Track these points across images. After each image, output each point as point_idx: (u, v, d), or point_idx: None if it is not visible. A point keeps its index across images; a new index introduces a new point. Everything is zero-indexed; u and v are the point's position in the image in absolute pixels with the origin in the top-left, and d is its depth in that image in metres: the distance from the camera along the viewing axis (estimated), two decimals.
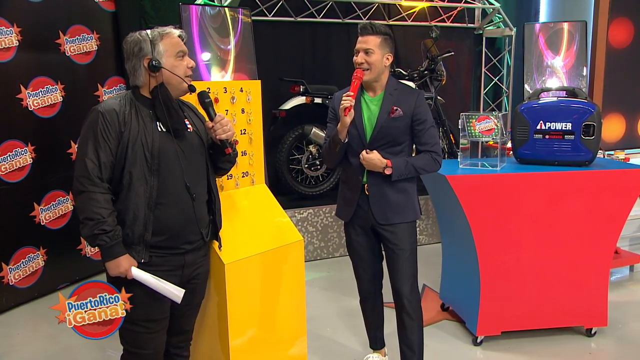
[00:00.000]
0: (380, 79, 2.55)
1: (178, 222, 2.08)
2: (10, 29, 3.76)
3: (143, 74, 2.07)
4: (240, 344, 2.50)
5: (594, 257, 3.20)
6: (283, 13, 5.06)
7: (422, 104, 2.56)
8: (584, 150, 3.13)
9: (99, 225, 1.92)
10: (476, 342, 3.27)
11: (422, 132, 2.56)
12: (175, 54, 2.08)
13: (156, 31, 2.08)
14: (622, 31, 4.70)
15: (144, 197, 2.00)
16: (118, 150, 1.99)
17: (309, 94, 4.82)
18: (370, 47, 2.48)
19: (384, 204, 2.58)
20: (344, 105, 2.41)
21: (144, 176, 2.01)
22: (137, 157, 2.00)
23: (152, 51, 2.04)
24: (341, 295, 3.99)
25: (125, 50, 2.08)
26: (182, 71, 2.09)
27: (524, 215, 3.09)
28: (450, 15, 5.78)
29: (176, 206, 2.07)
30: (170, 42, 2.07)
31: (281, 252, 2.68)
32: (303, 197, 4.93)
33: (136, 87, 2.11)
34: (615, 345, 3.30)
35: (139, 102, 2.08)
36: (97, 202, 1.94)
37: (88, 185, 1.94)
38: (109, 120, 1.99)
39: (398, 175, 2.51)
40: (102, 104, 2.05)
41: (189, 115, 2.22)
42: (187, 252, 2.13)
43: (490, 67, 6.18)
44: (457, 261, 3.48)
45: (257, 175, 2.81)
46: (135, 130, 2.01)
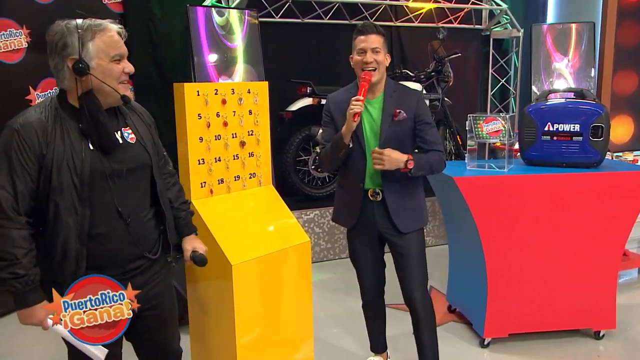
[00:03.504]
0: (381, 81, 2.52)
1: (115, 252, 1.77)
2: (19, 30, 3.79)
3: (68, 77, 1.70)
4: (247, 345, 2.50)
5: (602, 259, 3.18)
6: (290, 14, 5.07)
7: (422, 104, 2.53)
8: (592, 152, 3.12)
9: (10, 267, 1.60)
10: (483, 344, 3.26)
11: (425, 132, 2.51)
12: (110, 56, 1.71)
13: (87, 24, 1.70)
14: (631, 32, 4.68)
15: (74, 230, 1.67)
16: (40, 175, 1.65)
17: (316, 95, 4.81)
18: (377, 45, 2.44)
19: (401, 212, 2.53)
20: (354, 111, 2.34)
21: (72, 206, 1.67)
22: (64, 185, 1.65)
23: (80, 50, 1.67)
24: (347, 297, 3.98)
25: (47, 43, 1.73)
26: (115, 77, 1.72)
27: (531, 217, 3.08)
28: (458, 16, 5.77)
29: (111, 235, 1.75)
30: (105, 40, 1.70)
31: (288, 253, 2.68)
32: (310, 198, 4.93)
33: (63, 92, 1.75)
34: (624, 348, 3.27)
35: (65, 112, 1.71)
36: (10, 240, 1.60)
37: (1, 219, 1.61)
38: (26, 139, 1.62)
39: (418, 170, 2.42)
40: (18, 118, 1.67)
41: (133, 122, 1.87)
42: (135, 277, 1.82)
43: (497, 69, 6.16)
44: (464, 263, 3.47)
45: (264, 176, 2.81)
46: (60, 151, 1.65)
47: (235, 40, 4.53)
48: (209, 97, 2.53)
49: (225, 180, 2.64)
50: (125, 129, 1.83)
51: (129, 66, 1.76)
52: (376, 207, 2.55)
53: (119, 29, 1.75)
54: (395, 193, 2.51)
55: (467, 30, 5.94)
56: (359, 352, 3.21)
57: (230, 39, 4.50)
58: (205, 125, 2.53)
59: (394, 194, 2.51)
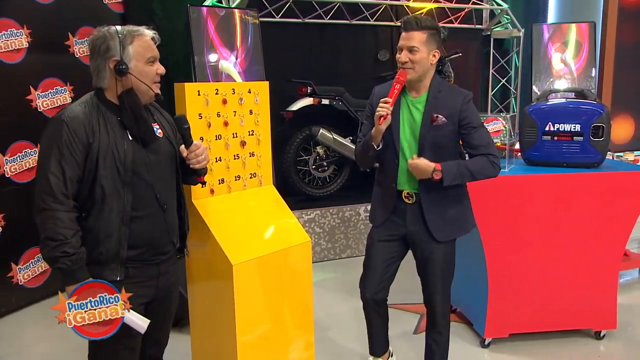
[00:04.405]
0: (425, 78, 2.38)
1: (152, 235, 1.96)
2: (20, 30, 3.79)
3: (108, 77, 1.88)
4: (248, 345, 2.50)
5: (603, 259, 3.18)
6: (291, 14, 5.06)
7: (468, 106, 2.36)
8: (592, 152, 3.12)
9: (61, 247, 1.76)
10: (484, 344, 3.26)
11: (471, 136, 2.36)
12: (146, 59, 1.90)
13: (127, 30, 1.88)
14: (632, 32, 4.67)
15: (118, 213, 1.86)
16: (86, 163, 1.82)
17: (317, 95, 4.82)
18: (414, 44, 2.30)
19: (439, 218, 2.42)
20: (379, 114, 2.27)
21: (116, 190, 1.85)
22: (109, 170, 1.84)
23: (121, 53, 1.85)
24: (348, 296, 3.99)
25: (90, 47, 1.89)
26: (150, 78, 1.93)
27: (532, 217, 3.08)
28: (458, 16, 5.76)
29: (149, 219, 1.94)
30: (142, 44, 1.90)
31: (289, 253, 2.68)
32: (310, 198, 4.93)
33: (100, 90, 1.92)
34: (625, 348, 3.27)
35: (105, 107, 1.90)
36: (60, 222, 1.77)
37: (51, 202, 1.77)
38: (75, 130, 1.80)
39: (451, 180, 2.29)
40: (64, 112, 1.85)
41: (158, 119, 2.07)
42: (161, 262, 2.02)
43: (498, 68, 6.15)
44: (465, 263, 3.46)
45: (264, 176, 2.82)
46: (105, 141, 1.84)
47: (236, 40, 4.53)
48: (209, 97, 2.54)
49: (226, 180, 2.64)
50: (154, 125, 2.01)
51: (161, 68, 1.97)
52: (410, 210, 2.45)
53: (153, 34, 1.94)
54: (435, 198, 2.40)
55: (467, 30, 5.94)
56: (360, 352, 3.21)
57: (231, 39, 4.50)
58: (205, 125, 2.54)
59: (433, 200, 2.40)
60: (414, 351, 2.76)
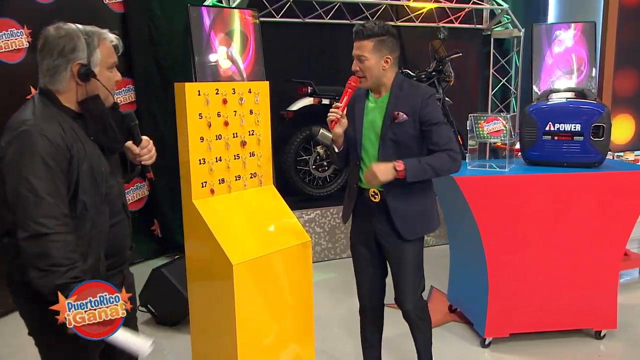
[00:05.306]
0: (383, 81, 2.39)
1: (121, 243, 1.89)
2: (20, 30, 3.79)
3: (67, 80, 1.70)
4: (248, 344, 2.50)
5: (603, 259, 3.18)
6: (291, 14, 5.06)
7: (428, 103, 2.34)
8: (593, 152, 3.11)
9: (71, 272, 1.62)
10: (484, 344, 3.26)
11: (432, 133, 2.34)
12: (109, 64, 1.76)
13: (93, 31, 1.72)
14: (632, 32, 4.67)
15: (99, 227, 1.76)
16: (68, 177, 1.67)
17: (317, 95, 4.82)
18: (363, 53, 2.33)
19: (405, 216, 2.41)
20: (329, 119, 2.34)
21: (96, 204, 1.74)
22: (89, 184, 1.71)
23: (89, 56, 1.70)
24: (348, 297, 3.98)
25: (48, 43, 1.69)
26: (111, 85, 1.79)
27: (532, 216, 3.08)
28: (459, 16, 5.76)
29: (118, 227, 1.85)
30: (107, 49, 1.75)
31: (289, 253, 2.68)
32: (310, 198, 4.93)
33: (51, 93, 1.71)
34: (625, 347, 3.27)
35: (65, 114, 1.71)
36: (69, 245, 1.62)
37: (54, 225, 1.60)
38: (58, 143, 1.63)
39: (413, 175, 2.27)
40: (32, 123, 1.63)
41: None
42: (124, 269, 1.97)
43: (498, 68, 6.15)
44: (465, 262, 3.47)
45: (265, 176, 2.81)
46: (82, 152, 1.69)
47: (235, 40, 4.53)
48: (209, 96, 2.53)
49: (226, 180, 2.64)
50: None
51: (118, 75, 1.82)
52: (376, 209, 2.46)
53: (116, 39, 1.80)
54: (399, 196, 2.39)
55: (468, 30, 5.93)
56: (360, 352, 3.21)
57: (230, 39, 4.50)
58: (206, 125, 2.53)
59: (397, 197, 2.40)
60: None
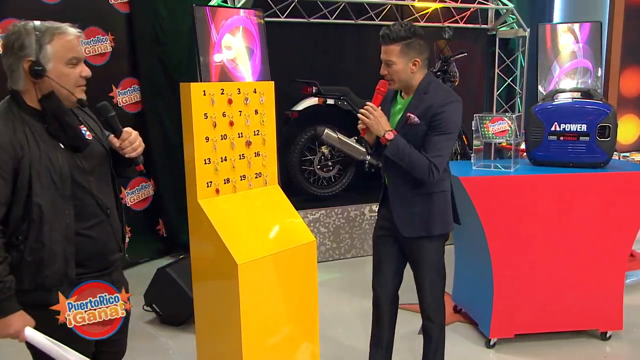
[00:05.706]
0: (411, 84, 2.39)
1: (101, 245, 1.83)
2: None
3: (23, 78, 1.67)
4: (253, 344, 2.50)
5: (608, 259, 3.17)
6: (296, 14, 5.07)
7: (443, 110, 2.30)
8: (599, 152, 3.10)
9: None
10: (489, 344, 3.25)
11: (428, 139, 2.33)
12: (67, 60, 1.69)
13: (46, 26, 1.68)
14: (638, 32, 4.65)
15: (61, 230, 1.70)
16: (17, 181, 1.61)
17: (322, 95, 4.82)
18: (390, 57, 2.33)
19: (404, 215, 2.45)
20: (359, 127, 2.41)
21: (56, 206, 1.68)
22: (46, 186, 1.65)
23: (38, 52, 1.64)
24: (353, 297, 3.98)
25: (4, 42, 1.67)
26: (72, 81, 1.72)
27: (537, 217, 3.07)
28: (464, 16, 5.75)
29: (95, 228, 1.80)
30: (64, 44, 1.69)
31: (294, 253, 2.68)
32: (315, 198, 4.93)
33: (17, 93, 1.70)
34: (631, 349, 3.26)
35: (27, 114, 1.68)
36: None
37: None
38: (1, 144, 1.59)
39: (392, 151, 2.32)
40: None
41: (84, 121, 1.87)
42: (112, 272, 1.90)
43: (503, 68, 6.14)
44: (470, 263, 3.47)
45: (270, 176, 2.82)
46: (37, 153, 1.64)
47: (240, 40, 4.53)
48: (215, 96, 2.54)
49: (231, 180, 2.65)
50: (82, 127, 1.84)
51: (85, 70, 1.75)
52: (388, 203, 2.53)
53: (78, 33, 1.74)
54: (400, 193, 2.46)
55: (473, 30, 5.93)
56: (365, 352, 3.21)
57: (235, 39, 4.50)
58: (211, 124, 2.54)
59: (399, 195, 2.47)
60: (418, 352, 2.76)
